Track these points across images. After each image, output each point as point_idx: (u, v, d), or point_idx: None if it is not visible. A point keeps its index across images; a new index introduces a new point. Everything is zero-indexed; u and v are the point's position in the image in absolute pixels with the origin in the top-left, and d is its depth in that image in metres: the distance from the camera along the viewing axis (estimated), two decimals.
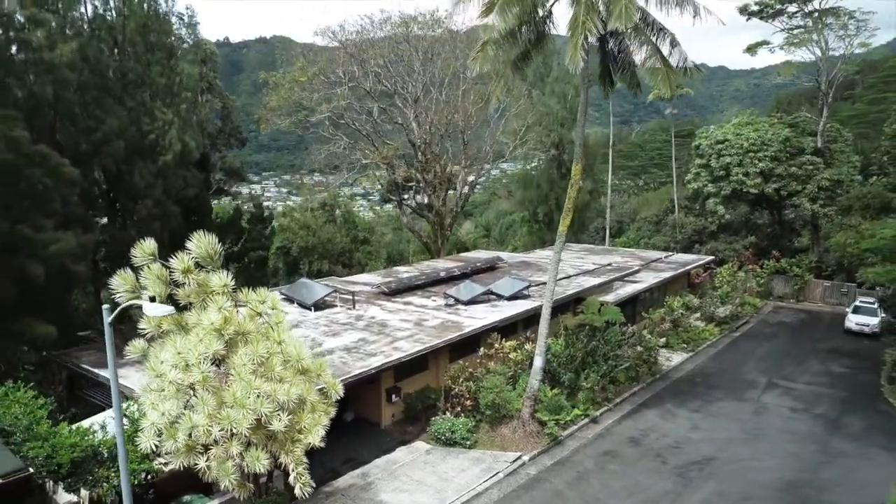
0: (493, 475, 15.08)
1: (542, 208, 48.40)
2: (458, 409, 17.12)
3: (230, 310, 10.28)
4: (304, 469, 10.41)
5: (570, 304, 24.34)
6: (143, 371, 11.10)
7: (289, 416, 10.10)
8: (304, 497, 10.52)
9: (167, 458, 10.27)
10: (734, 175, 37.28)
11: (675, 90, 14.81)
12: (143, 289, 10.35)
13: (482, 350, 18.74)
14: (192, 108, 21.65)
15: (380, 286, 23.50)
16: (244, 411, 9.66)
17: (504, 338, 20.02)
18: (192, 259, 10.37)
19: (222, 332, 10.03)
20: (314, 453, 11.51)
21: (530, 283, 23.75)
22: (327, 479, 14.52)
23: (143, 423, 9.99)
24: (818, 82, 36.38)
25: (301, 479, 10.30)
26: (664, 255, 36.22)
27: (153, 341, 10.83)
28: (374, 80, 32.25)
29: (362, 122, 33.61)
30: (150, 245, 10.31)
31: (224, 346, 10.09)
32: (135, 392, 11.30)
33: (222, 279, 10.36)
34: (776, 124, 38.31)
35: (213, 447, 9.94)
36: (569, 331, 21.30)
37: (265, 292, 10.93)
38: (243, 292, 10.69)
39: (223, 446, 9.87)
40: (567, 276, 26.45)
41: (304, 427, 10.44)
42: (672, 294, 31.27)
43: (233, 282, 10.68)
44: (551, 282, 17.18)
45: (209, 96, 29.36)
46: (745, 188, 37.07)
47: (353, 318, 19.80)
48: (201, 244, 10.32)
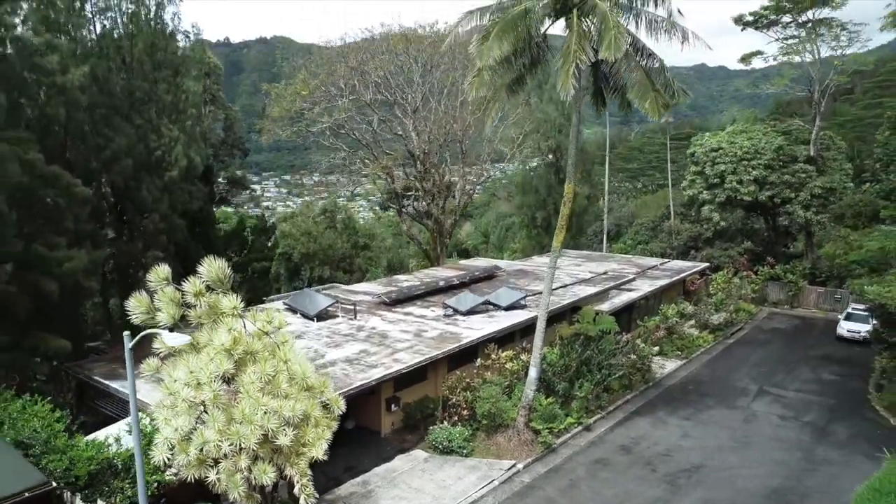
0: (489, 483, 15.68)
1: (540, 213, 48.95)
2: (456, 418, 17.73)
3: (239, 331, 10.88)
4: (308, 481, 11.01)
5: (566, 313, 24.95)
6: (154, 383, 11.72)
7: (294, 431, 10.70)
8: None
9: (179, 469, 10.85)
10: (728, 183, 37.85)
11: (664, 112, 15.37)
12: (157, 310, 10.93)
13: (479, 361, 19.35)
14: (197, 123, 22.23)
15: (380, 296, 24.10)
16: (252, 427, 10.26)
17: (501, 347, 20.64)
18: (203, 283, 10.96)
19: (232, 351, 10.64)
20: (317, 462, 12.11)
21: (527, 294, 24.34)
22: (329, 487, 15.12)
23: (156, 437, 10.58)
24: (811, 92, 36.94)
25: (305, 490, 10.90)
26: (660, 261, 36.80)
27: (166, 359, 11.41)
28: (374, 90, 32.85)
29: (362, 131, 34.22)
30: (163, 270, 10.90)
31: (233, 365, 10.69)
32: (149, 407, 11.87)
33: (232, 301, 10.97)
34: (770, 132, 38.89)
35: (222, 461, 10.53)
36: (564, 340, 21.89)
37: (272, 312, 11.52)
38: (252, 313, 11.28)
39: (232, 460, 10.47)
40: (563, 286, 27.05)
41: (308, 441, 11.05)
42: (668, 301, 31.88)
43: (238, 297, 11.29)
44: (546, 295, 17.78)
45: (212, 108, 29.96)
46: (740, 195, 37.65)
47: (354, 328, 20.41)
48: (212, 269, 10.92)
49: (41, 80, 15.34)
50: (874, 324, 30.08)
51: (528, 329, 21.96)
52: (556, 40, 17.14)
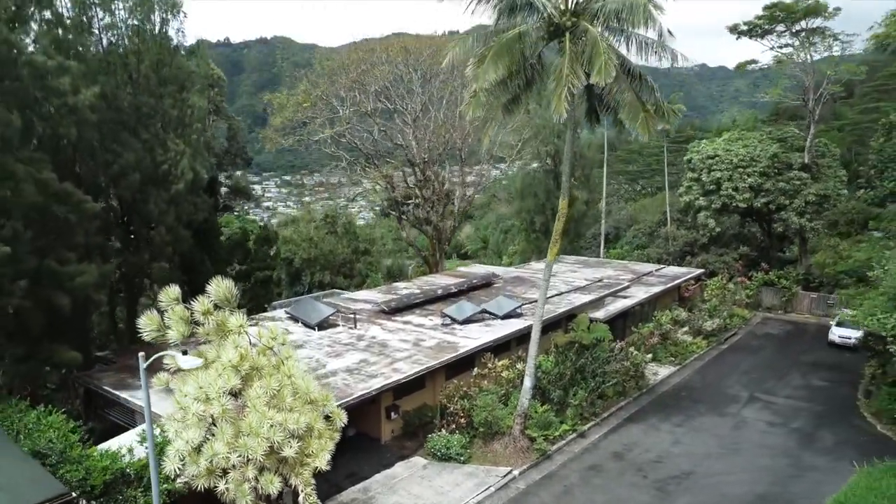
0: (485, 489, 16.26)
1: (538, 218, 49.59)
2: (454, 426, 18.32)
3: (246, 347, 11.45)
4: (311, 490, 11.57)
5: (562, 320, 25.51)
6: (162, 394, 12.28)
7: (298, 443, 11.26)
8: None
9: (190, 479, 11.41)
10: (724, 189, 38.43)
11: (654, 133, 15.91)
12: (167, 327, 11.50)
13: (476, 370, 19.93)
14: (202, 137, 22.78)
15: (380, 305, 24.67)
16: (259, 439, 10.83)
17: (498, 355, 21.24)
18: (211, 301, 11.53)
19: (239, 367, 11.21)
20: (320, 471, 12.66)
21: (523, 302, 24.91)
22: (331, 494, 15.70)
23: (168, 449, 11.15)
24: (805, 101, 37.51)
25: (309, 498, 11.46)
26: (655, 268, 37.36)
27: (176, 373, 11.98)
28: (375, 98, 33.42)
29: (363, 139, 34.81)
30: (174, 291, 11.46)
31: (240, 381, 11.26)
32: (159, 418, 12.43)
33: (238, 320, 11.55)
34: (765, 140, 39.47)
35: (231, 471, 11.10)
36: (559, 348, 22.47)
37: (276, 329, 12.10)
38: (258, 331, 11.85)
39: (240, 470, 11.03)
40: (559, 293, 27.62)
41: (311, 451, 11.61)
42: (663, 307, 32.42)
43: (243, 314, 11.86)
44: (540, 307, 18.36)
45: (216, 118, 30.53)
46: (735, 202, 38.24)
47: (354, 338, 20.98)
48: (220, 288, 11.49)
49: (53, 101, 15.89)
50: (863, 331, 30.71)
51: (524, 337, 22.54)
52: (551, 51, 17.63)
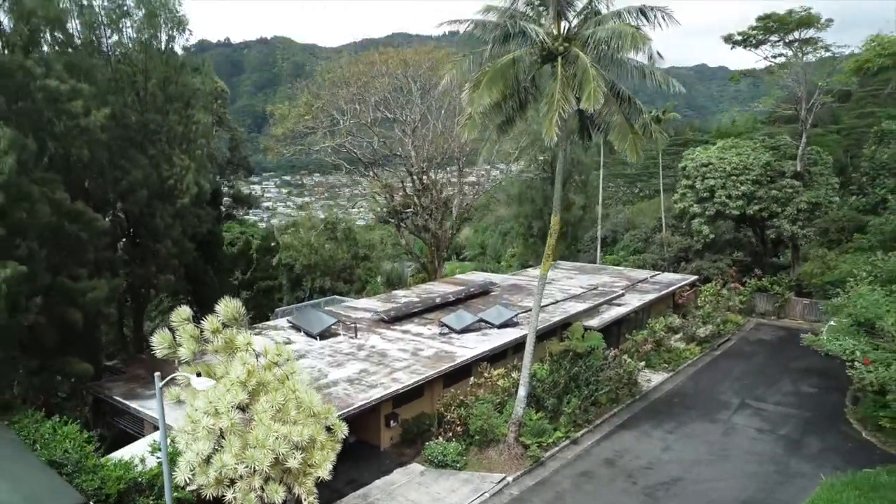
0: (480, 495, 16.91)
1: (536, 223, 50.23)
2: (450, 434, 18.98)
3: (253, 364, 12.11)
4: (314, 498, 12.22)
5: (557, 329, 26.16)
6: (172, 405, 12.94)
7: (302, 454, 11.91)
8: None
9: (199, 488, 12.05)
10: (718, 197, 39.11)
11: (641, 155, 16.59)
12: (179, 345, 12.16)
13: (472, 379, 20.59)
14: (206, 152, 23.43)
15: (380, 314, 25.32)
16: (265, 451, 11.48)
17: (494, 363, 21.90)
18: (220, 321, 12.20)
19: (246, 383, 11.86)
20: (322, 480, 13.32)
21: (519, 311, 25.58)
22: (333, 500, 16.34)
23: (179, 460, 11.81)
24: (797, 111, 38.18)
25: None
26: (650, 274, 38.02)
27: (186, 387, 12.63)
28: (375, 109, 34.09)
29: (363, 148, 35.48)
30: (185, 311, 12.12)
31: (247, 396, 11.92)
32: (171, 429, 13.08)
33: (246, 338, 12.21)
34: (758, 148, 40.15)
35: (238, 481, 11.75)
36: (553, 357, 23.11)
37: (282, 347, 12.76)
38: (265, 348, 12.51)
39: (247, 480, 11.68)
40: (554, 302, 28.28)
41: (314, 462, 12.27)
42: (657, 313, 33.09)
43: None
44: (534, 319, 19.02)
45: (218, 129, 31.18)
46: (728, 210, 38.93)
47: (355, 347, 21.64)
48: (228, 308, 12.16)
49: (66, 123, 16.53)
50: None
51: (520, 346, 23.14)
52: (544, 72, 18.22)
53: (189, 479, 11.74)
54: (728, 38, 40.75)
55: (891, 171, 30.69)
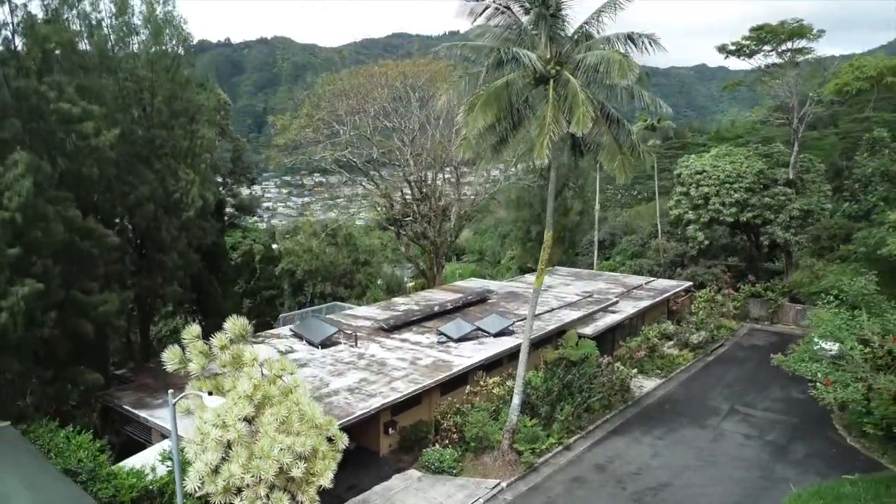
0: (475, 500, 17.61)
1: (534, 228, 50.97)
2: (447, 441, 19.67)
3: (259, 379, 12.80)
4: None
5: (553, 337, 26.84)
6: (181, 415, 13.65)
7: (305, 464, 12.62)
8: None
9: (208, 496, 12.75)
10: (712, 204, 39.81)
11: (630, 175, 17.31)
12: (188, 360, 12.85)
13: (469, 388, 21.29)
14: (210, 165, 24.11)
15: (379, 323, 26.01)
16: (270, 461, 12.19)
17: (490, 371, 22.59)
18: (228, 337, 12.89)
19: (252, 397, 12.56)
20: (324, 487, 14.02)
21: (516, 319, 26.25)
22: None
23: (189, 469, 12.50)
24: (789, 121, 38.87)
25: None
26: (645, 281, 38.70)
27: (194, 398, 13.32)
28: (374, 119, 34.78)
29: (363, 158, 36.19)
30: (195, 329, 12.81)
31: (253, 409, 12.61)
32: (181, 439, 13.77)
33: (252, 354, 12.90)
34: (751, 156, 40.84)
35: (245, 489, 12.45)
36: (547, 365, 23.82)
37: (285, 362, 13.45)
38: (269, 363, 13.20)
39: (253, 489, 12.38)
40: (550, 310, 28.95)
41: (316, 471, 12.97)
42: (652, 320, 33.78)
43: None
44: (528, 330, 19.71)
45: (221, 139, 31.86)
46: (722, 216, 39.64)
47: (355, 356, 22.33)
48: (235, 326, 12.85)
49: (78, 143, 17.22)
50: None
51: (515, 354, 23.81)
52: (537, 91, 18.76)
53: (198, 487, 12.43)
54: (722, 48, 41.51)
55: (883, 175, 31.25)
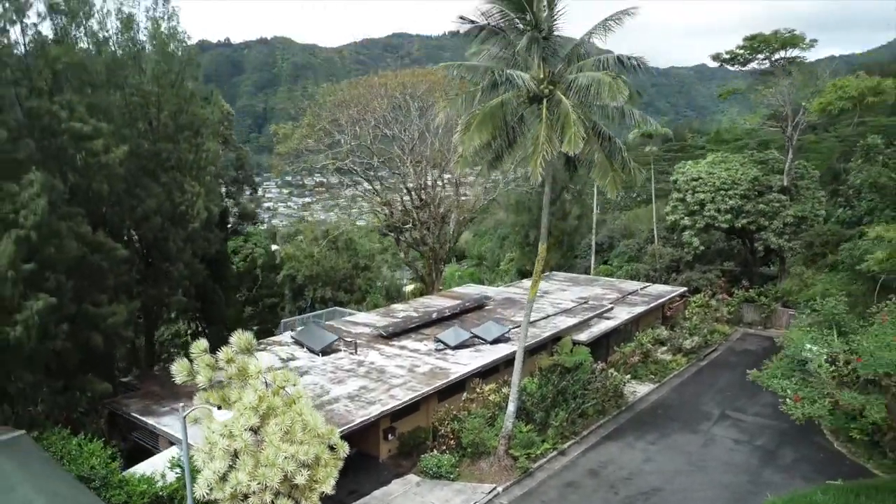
0: None
1: (532, 232, 51.53)
2: (444, 447, 20.31)
3: (264, 391, 13.43)
4: None
5: (548, 343, 27.47)
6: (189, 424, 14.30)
7: (308, 471, 13.23)
8: None
9: (215, 501, 13.38)
10: (707, 211, 40.45)
11: (620, 190, 17.93)
12: (196, 373, 13.48)
13: (465, 395, 21.92)
14: (215, 178, 24.73)
15: (379, 330, 26.65)
16: (275, 469, 12.80)
17: (487, 377, 23.24)
18: (234, 351, 13.52)
19: (257, 408, 13.18)
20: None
21: (512, 326, 26.89)
22: None
23: (198, 477, 13.12)
24: (783, 129, 39.51)
25: None
26: (640, 286, 39.32)
27: (202, 408, 13.94)
28: (375, 128, 35.43)
29: (363, 167, 36.84)
30: (202, 343, 13.44)
31: (259, 419, 13.23)
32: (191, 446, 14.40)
33: (257, 366, 13.53)
34: (746, 163, 41.48)
35: (251, 496, 13.07)
36: (542, 371, 24.45)
37: (289, 374, 14.06)
38: (273, 375, 13.83)
39: (259, 496, 12.99)
40: (546, 316, 29.58)
41: (319, 478, 13.58)
42: (646, 325, 34.39)
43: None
44: (522, 340, 20.35)
45: (224, 148, 32.48)
46: (717, 223, 40.29)
47: (355, 363, 22.97)
48: (241, 340, 13.49)
49: (88, 160, 17.85)
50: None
51: (511, 361, 24.42)
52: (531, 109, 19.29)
53: (207, 494, 13.05)
54: (716, 57, 42.20)
55: (871, 186, 31.84)
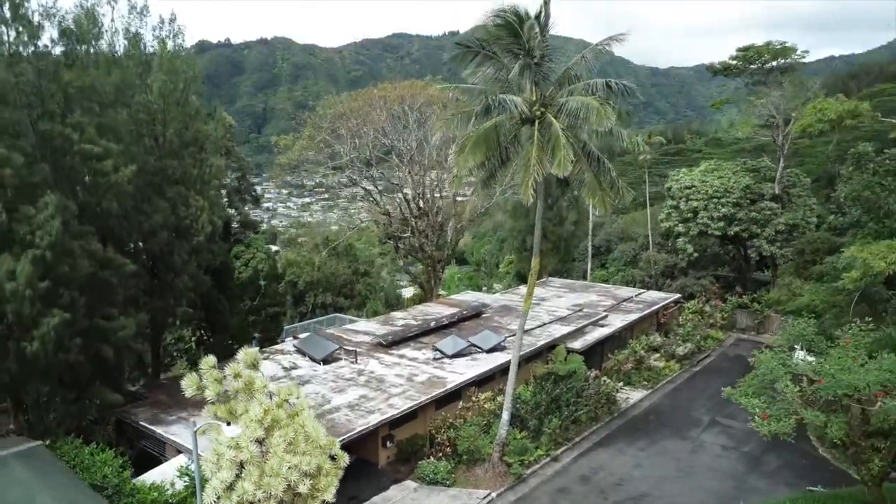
0: None
1: (529, 238, 52.29)
2: (441, 454, 21.06)
3: (269, 404, 14.18)
4: None
5: (543, 351, 28.21)
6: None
7: (310, 481, 13.99)
8: None
9: None
10: (700, 218, 41.22)
11: (608, 209, 18.72)
12: (205, 387, 14.22)
13: (461, 404, 22.68)
14: (219, 192, 25.48)
15: (378, 338, 27.40)
16: (279, 479, 13.55)
17: (482, 385, 23.99)
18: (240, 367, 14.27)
19: (262, 421, 13.94)
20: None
21: (507, 335, 27.64)
22: None
23: (206, 486, 13.88)
24: (774, 138, 40.28)
25: None
26: (635, 293, 40.07)
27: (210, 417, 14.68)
28: (374, 139, 36.22)
29: (362, 175, 37.63)
30: (211, 359, 14.20)
31: (264, 431, 13.99)
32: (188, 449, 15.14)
33: (263, 381, 14.28)
34: (739, 171, 42.23)
35: None
36: (537, 380, 25.21)
37: (292, 388, 14.82)
38: (277, 390, 14.58)
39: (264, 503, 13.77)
40: (541, 324, 30.34)
41: (320, 487, 14.34)
42: (641, 332, 35.13)
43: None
44: (516, 351, 21.11)
45: (226, 159, 33.23)
46: (711, 230, 41.06)
47: (355, 372, 23.72)
48: (248, 356, 14.25)
49: (98, 180, 18.60)
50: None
51: (507, 369, 25.13)
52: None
53: (214, 502, 13.79)
54: (710, 68, 42.99)
55: (855, 200, 32.55)
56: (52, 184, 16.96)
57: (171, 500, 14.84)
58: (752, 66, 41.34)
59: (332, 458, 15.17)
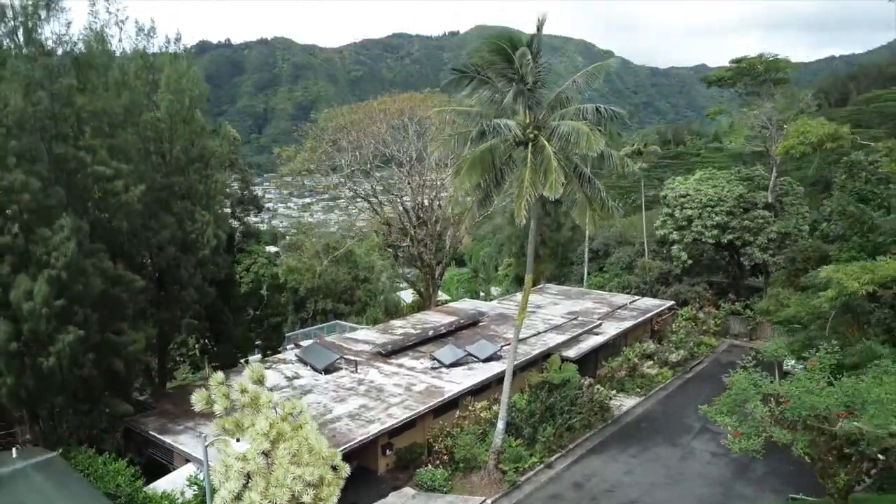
0: None
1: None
2: (438, 461, 21.86)
3: (274, 418, 14.97)
4: None
5: (539, 360, 29.00)
6: (202, 440, 15.87)
7: (313, 491, 14.79)
8: None
9: None
10: (695, 226, 42.04)
11: (598, 228, 19.55)
12: (214, 402, 15.01)
13: (458, 413, 23.48)
14: (223, 207, 26.25)
15: (377, 347, 28.19)
16: (284, 489, 14.35)
17: (480, 394, 24.78)
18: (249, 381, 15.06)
19: (268, 434, 14.73)
20: None
21: (503, 344, 28.42)
22: None
23: (215, 496, 14.67)
24: (767, 149, 41.07)
25: None
26: (630, 300, 40.83)
27: (217, 440, 15.47)
28: (375, 150, 37.05)
29: (361, 184, 38.44)
30: (219, 376, 14.98)
31: (269, 444, 14.78)
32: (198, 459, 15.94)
33: (269, 396, 15.07)
34: (733, 180, 43.02)
35: None
36: (532, 388, 25.99)
37: (296, 402, 15.61)
38: (282, 404, 15.37)
39: None
40: (536, 333, 31.13)
41: (323, 497, 15.14)
42: (635, 339, 35.90)
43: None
44: (510, 362, 21.90)
45: (230, 171, 34.00)
46: (704, 238, 41.87)
47: (355, 382, 24.51)
48: (254, 371, 15.04)
49: (109, 200, 19.40)
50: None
51: (502, 378, 25.92)
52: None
53: None
54: (704, 78, 43.79)
55: (840, 214, 33.24)
56: (66, 205, 17.75)
57: None
58: (745, 77, 42.07)
59: (334, 468, 15.99)
